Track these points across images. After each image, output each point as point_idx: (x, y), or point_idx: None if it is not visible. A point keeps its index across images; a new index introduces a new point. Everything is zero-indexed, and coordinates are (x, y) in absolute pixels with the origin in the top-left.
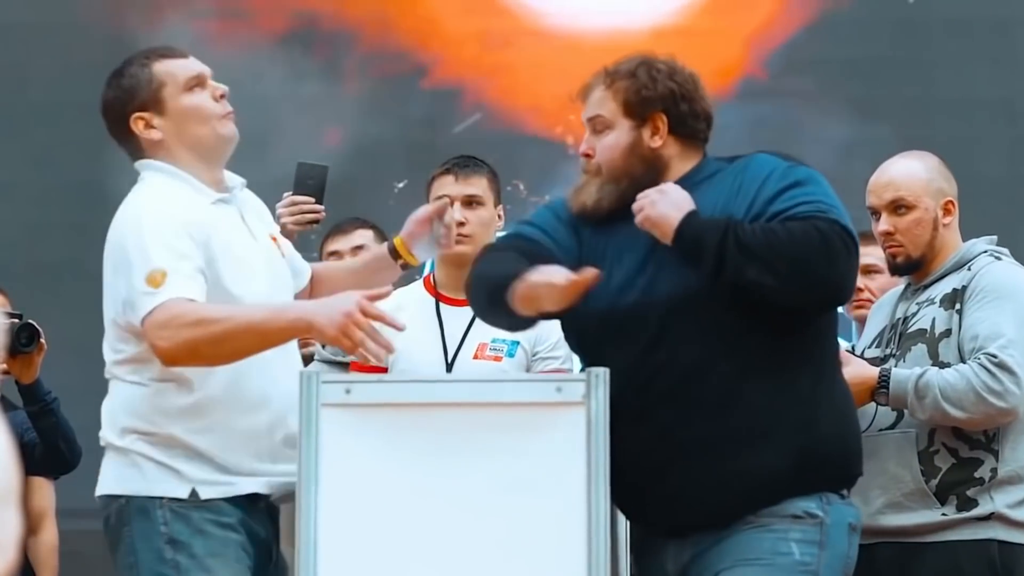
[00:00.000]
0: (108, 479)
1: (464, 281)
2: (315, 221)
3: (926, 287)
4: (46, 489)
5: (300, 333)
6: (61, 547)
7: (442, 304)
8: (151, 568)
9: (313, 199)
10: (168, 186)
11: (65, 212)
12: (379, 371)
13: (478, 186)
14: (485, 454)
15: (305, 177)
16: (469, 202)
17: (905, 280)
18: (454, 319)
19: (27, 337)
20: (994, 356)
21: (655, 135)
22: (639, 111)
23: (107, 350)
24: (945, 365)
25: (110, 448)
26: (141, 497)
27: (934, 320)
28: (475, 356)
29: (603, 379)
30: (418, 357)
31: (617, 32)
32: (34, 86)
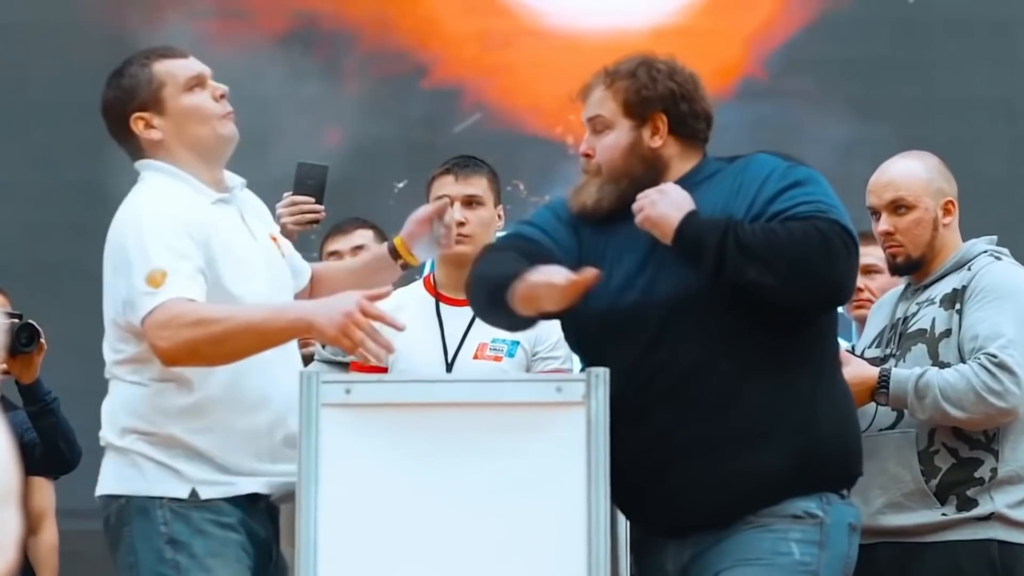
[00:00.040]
0: (108, 479)
1: (464, 281)
2: (315, 221)
3: (926, 287)
4: (46, 489)
5: (300, 333)
6: (61, 547)
7: (442, 304)
8: (151, 568)
9: (313, 199)
10: (168, 186)
11: (65, 212)
12: (379, 371)
13: (478, 186)
14: (485, 454)
15: (305, 177)
16: (469, 202)
17: (905, 280)
18: (454, 319)
19: (27, 337)
20: (994, 356)
21: (655, 135)
22: (639, 111)
23: (107, 350)
24: (945, 365)
25: (110, 448)
26: (141, 497)
27: (934, 320)
28: (475, 356)
29: (603, 379)
30: (418, 357)
31: (617, 32)
32: (34, 86)
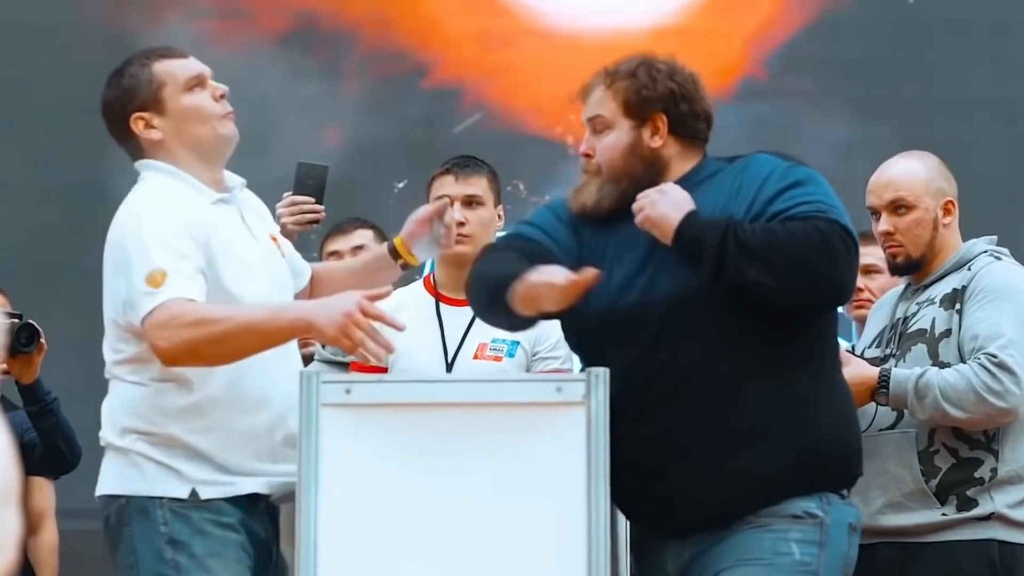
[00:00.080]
0: (108, 479)
1: (464, 281)
2: (315, 221)
3: (926, 287)
4: (46, 489)
5: (300, 333)
6: (61, 547)
7: (442, 304)
8: (151, 568)
9: (313, 199)
10: (168, 186)
11: (65, 212)
12: (379, 371)
13: (478, 186)
14: (485, 454)
15: (305, 177)
16: (469, 202)
17: (905, 280)
18: (454, 319)
19: (27, 337)
20: (994, 356)
21: (655, 135)
22: (639, 111)
23: (107, 350)
24: (945, 365)
25: (110, 448)
26: (141, 497)
27: (934, 320)
28: (475, 356)
29: (603, 379)
30: (418, 357)
31: (617, 32)
32: (34, 86)
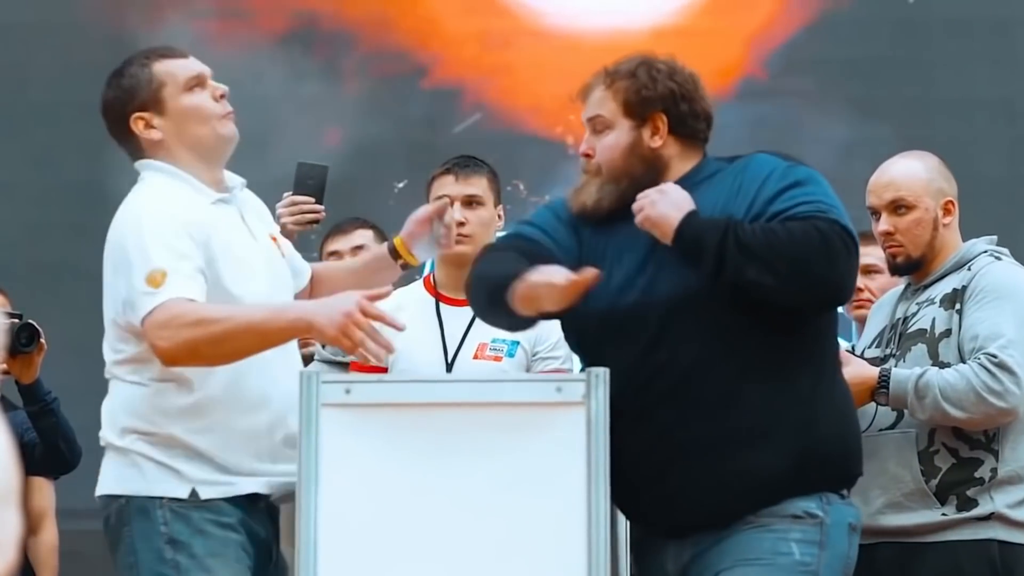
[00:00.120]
0: (108, 479)
1: (464, 281)
2: (315, 221)
3: (926, 287)
4: (46, 489)
5: (300, 333)
6: (61, 547)
7: (442, 304)
8: (151, 568)
9: (313, 199)
10: (168, 186)
11: (65, 212)
12: (379, 371)
13: (478, 186)
14: (485, 454)
15: (305, 177)
16: (469, 202)
17: (905, 280)
18: (454, 319)
19: (27, 337)
20: (994, 356)
21: (655, 135)
22: (639, 111)
23: (107, 350)
24: (945, 365)
25: (110, 448)
26: (141, 497)
27: (934, 320)
28: (475, 356)
29: (603, 379)
30: (418, 357)
31: (617, 32)
32: (34, 86)
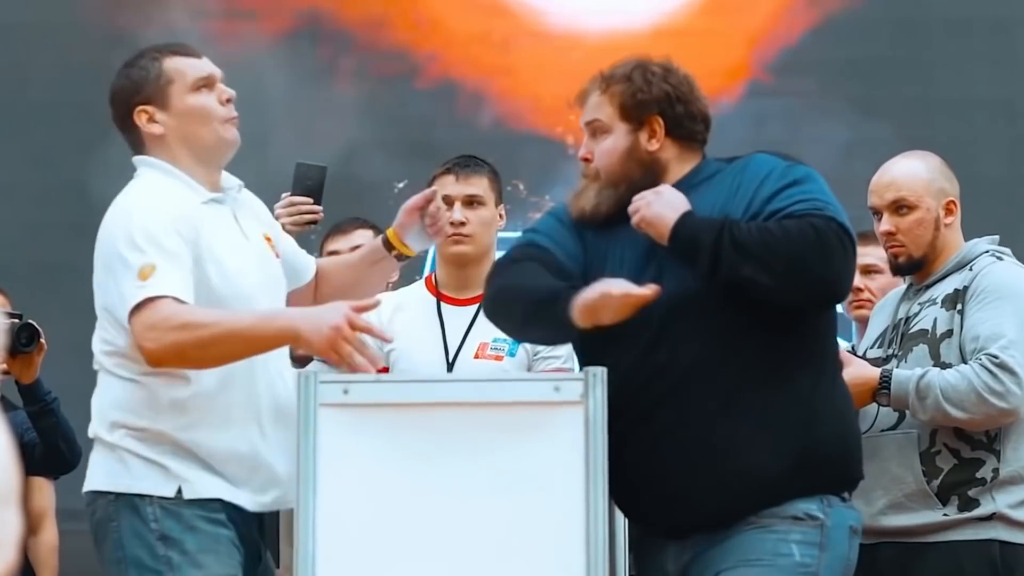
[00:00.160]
0: (96, 475)
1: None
2: (313, 222)
3: (928, 287)
4: (46, 489)
5: (287, 342)
6: (61, 547)
7: (443, 304)
8: (141, 564)
9: (311, 199)
10: (161, 183)
11: (65, 212)
12: (380, 370)
13: (479, 186)
14: (483, 453)
15: (304, 177)
16: (470, 202)
17: (907, 280)
18: (455, 319)
19: (27, 337)
20: (995, 357)
21: (652, 138)
22: (635, 114)
23: (96, 341)
24: (947, 366)
25: (98, 443)
26: (130, 494)
27: (936, 320)
28: (476, 356)
29: (601, 378)
30: (419, 357)
31: (617, 32)
32: (34, 86)
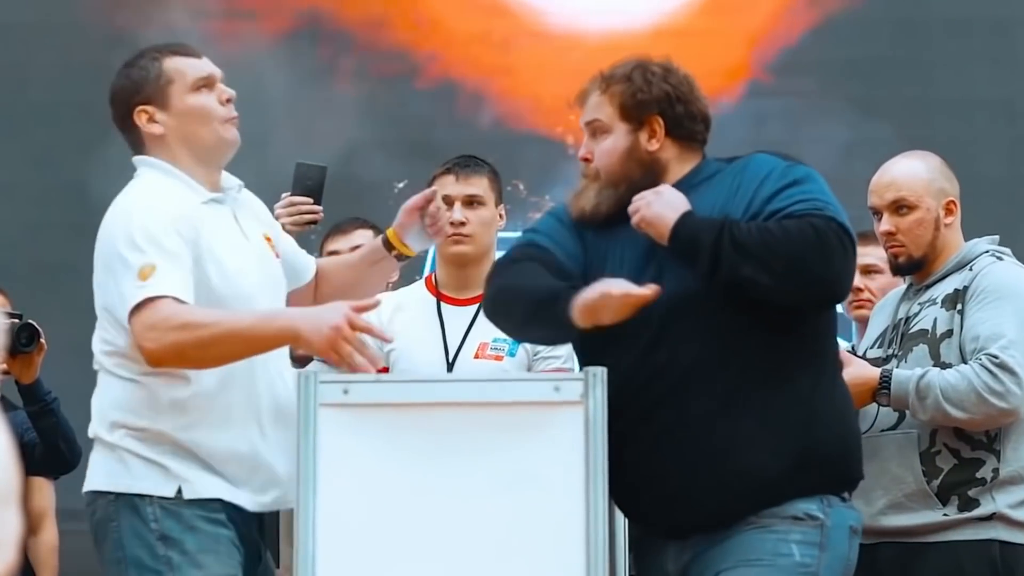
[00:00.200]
0: (96, 475)
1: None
2: (313, 222)
3: (928, 287)
4: (46, 489)
5: (287, 342)
6: (61, 547)
7: (443, 304)
8: (141, 564)
9: (311, 199)
10: (161, 183)
11: (65, 212)
12: (380, 370)
13: (479, 186)
14: (483, 453)
15: (303, 177)
16: (470, 202)
17: (907, 280)
18: (455, 319)
19: (27, 337)
20: (995, 357)
21: (652, 138)
22: (635, 114)
23: (96, 341)
24: (947, 366)
25: (98, 442)
26: (130, 494)
27: (936, 320)
28: (476, 356)
29: (600, 378)
30: (419, 357)
31: (617, 32)
32: (34, 86)
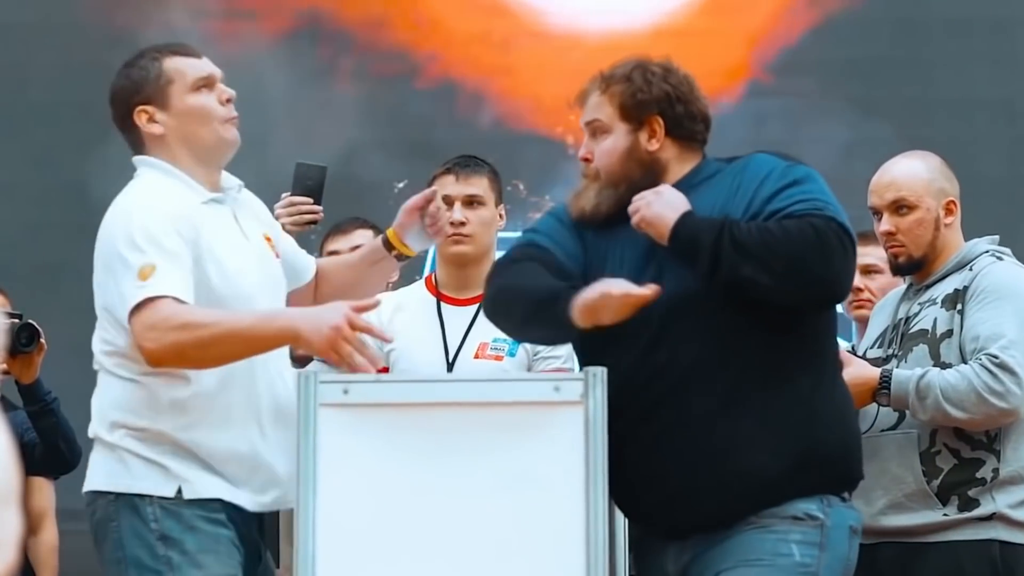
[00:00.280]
0: (95, 475)
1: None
2: (313, 222)
3: (928, 287)
4: (46, 489)
5: (287, 342)
6: (61, 547)
7: (443, 304)
8: (141, 564)
9: (311, 199)
10: (160, 182)
11: (65, 212)
12: (380, 371)
13: (479, 186)
14: (483, 453)
15: (303, 177)
16: (470, 202)
17: (907, 280)
18: (455, 318)
19: (27, 337)
20: (995, 357)
21: (652, 138)
22: (635, 114)
23: (96, 341)
24: (947, 366)
25: (98, 442)
26: (130, 494)
27: (936, 320)
28: (476, 355)
29: (600, 378)
30: (419, 357)
31: (617, 32)
32: (34, 86)
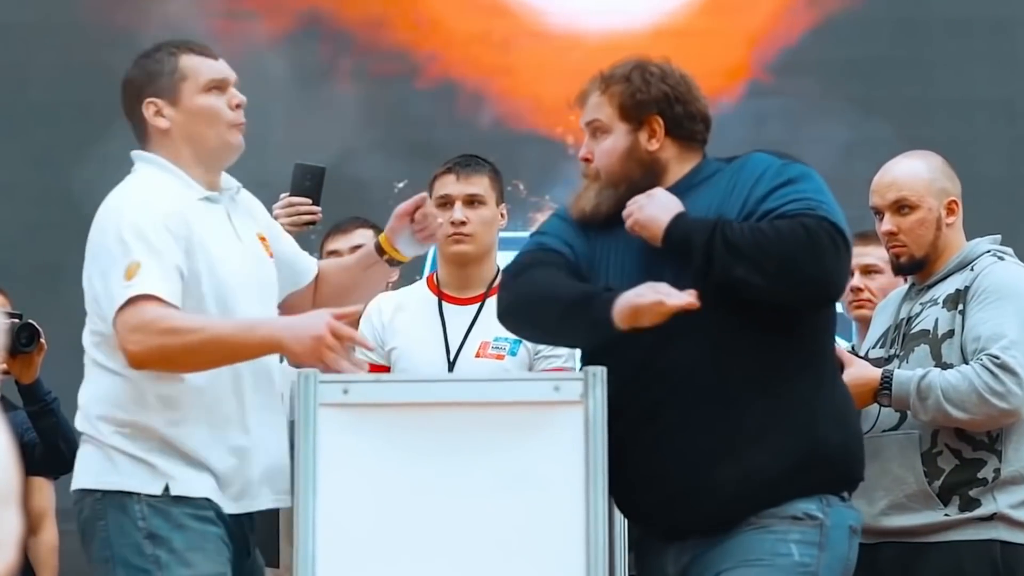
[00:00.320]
0: (82, 473)
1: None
2: (312, 223)
3: (929, 287)
4: (46, 489)
5: (271, 351)
6: (61, 547)
7: (444, 303)
8: (129, 562)
9: (310, 200)
10: (156, 178)
11: (65, 212)
12: (382, 370)
13: (479, 185)
14: (483, 453)
15: (302, 178)
16: (471, 201)
17: (908, 280)
18: (456, 318)
19: (27, 337)
20: (996, 357)
21: (652, 138)
22: (634, 115)
23: (87, 334)
24: (948, 366)
25: (85, 438)
26: (117, 492)
27: (937, 321)
28: (477, 355)
29: (600, 378)
30: (420, 356)
31: (617, 32)
32: (34, 86)
